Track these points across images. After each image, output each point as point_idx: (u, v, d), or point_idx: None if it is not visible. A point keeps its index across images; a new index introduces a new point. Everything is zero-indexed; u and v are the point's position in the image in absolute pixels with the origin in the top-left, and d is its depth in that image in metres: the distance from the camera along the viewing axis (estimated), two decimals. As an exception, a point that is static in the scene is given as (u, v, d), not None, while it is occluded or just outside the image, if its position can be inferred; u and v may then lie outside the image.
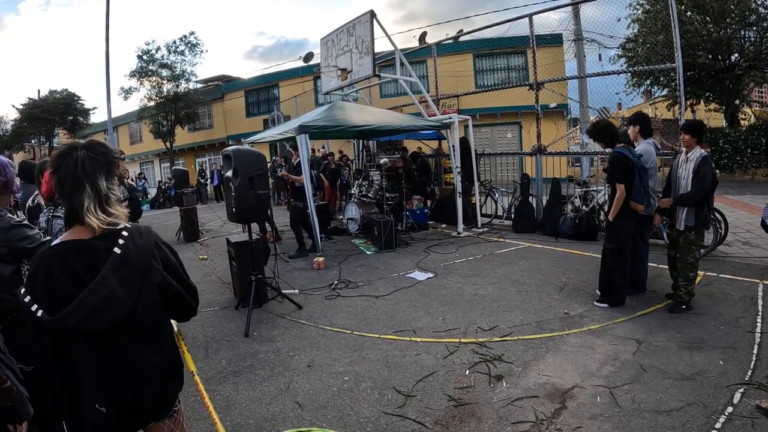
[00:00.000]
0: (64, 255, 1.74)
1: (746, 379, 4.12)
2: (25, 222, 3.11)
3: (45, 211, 3.57)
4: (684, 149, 5.95)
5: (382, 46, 27.17)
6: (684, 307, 5.85)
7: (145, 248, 1.90)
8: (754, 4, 23.06)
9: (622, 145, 6.06)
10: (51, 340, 1.68)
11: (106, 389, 1.76)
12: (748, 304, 5.91)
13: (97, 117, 41.22)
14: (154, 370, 1.93)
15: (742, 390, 3.93)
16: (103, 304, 1.68)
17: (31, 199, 4.22)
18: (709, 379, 4.13)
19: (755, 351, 4.63)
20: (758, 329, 5.14)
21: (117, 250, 1.78)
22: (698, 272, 5.98)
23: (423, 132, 13.96)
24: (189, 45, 30.54)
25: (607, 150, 6.40)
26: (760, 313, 5.59)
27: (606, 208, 6.67)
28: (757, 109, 29.27)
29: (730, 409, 3.69)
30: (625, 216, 5.97)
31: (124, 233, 1.85)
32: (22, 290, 1.70)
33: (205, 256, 10.19)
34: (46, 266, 1.71)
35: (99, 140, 2.04)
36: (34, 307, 1.65)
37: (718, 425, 3.49)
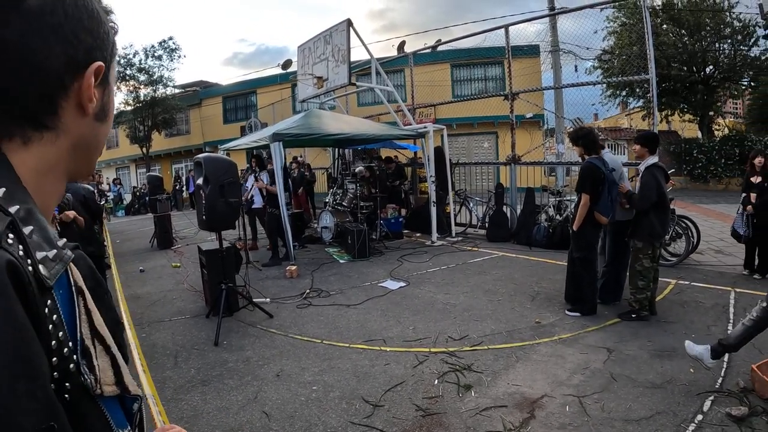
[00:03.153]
0: None
1: (717, 386, 4.18)
2: None
3: None
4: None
5: (360, 54, 27.20)
6: (634, 316, 5.93)
7: None
8: (728, 18, 23.52)
9: (596, 156, 6.13)
10: None
11: None
12: (720, 311, 6.00)
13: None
14: None
15: (712, 398, 3.99)
16: None
17: None
18: (679, 387, 4.18)
19: (726, 359, 4.66)
20: (730, 337, 5.21)
21: None
22: (651, 282, 5.97)
23: (398, 141, 14.03)
24: (167, 50, 30.31)
25: (581, 158, 6.46)
26: (731, 321, 5.68)
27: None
28: (730, 120, 29.87)
29: (700, 417, 3.74)
30: (591, 226, 6.04)
31: None
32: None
33: (178, 264, 10.11)
34: None
35: None
36: None
37: (688, 433, 3.52)
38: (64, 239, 0.72)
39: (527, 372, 4.67)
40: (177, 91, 33.47)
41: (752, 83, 26.15)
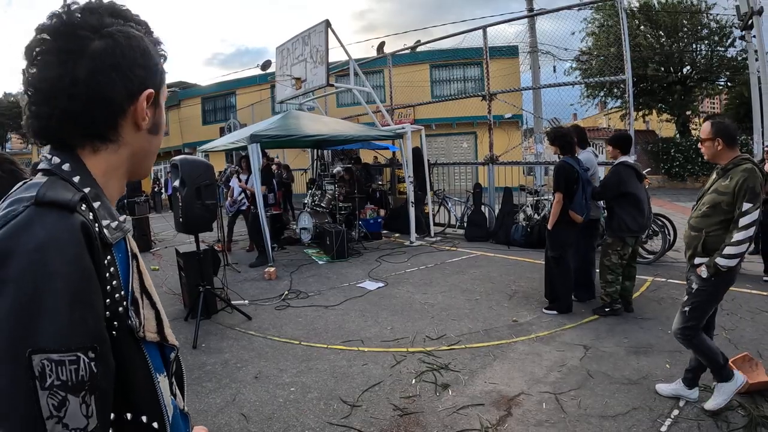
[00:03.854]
0: None
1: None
2: None
3: None
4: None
5: (339, 55, 27.16)
6: (607, 310, 6.08)
7: None
8: (705, 19, 23.87)
9: (570, 155, 6.22)
10: None
11: None
12: (695, 307, 6.08)
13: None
14: None
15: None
16: None
17: None
18: (655, 383, 4.22)
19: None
20: (705, 332, 5.29)
21: None
22: (620, 276, 6.17)
23: (377, 142, 14.05)
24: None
25: (557, 158, 6.55)
26: (707, 317, 5.75)
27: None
28: (707, 119, 30.25)
29: (676, 412, 3.80)
30: (566, 225, 6.13)
31: None
32: None
33: (157, 267, 10.01)
34: None
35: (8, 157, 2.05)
36: None
37: (663, 428, 3.58)
38: (125, 216, 0.99)
39: (504, 370, 4.71)
40: (156, 91, 33.16)
41: (729, 83, 26.62)
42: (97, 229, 0.86)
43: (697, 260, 3.78)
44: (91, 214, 0.86)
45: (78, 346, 0.76)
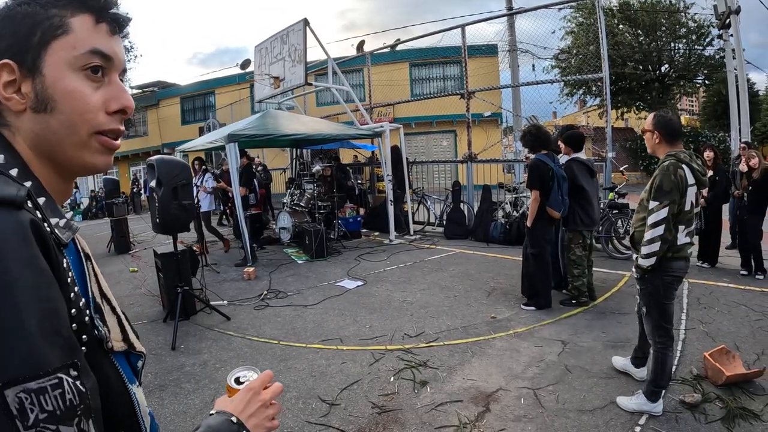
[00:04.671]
0: None
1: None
2: None
3: None
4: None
5: (319, 54, 27.09)
6: (574, 302, 6.30)
7: None
8: (684, 18, 24.16)
9: (545, 152, 6.27)
10: None
11: None
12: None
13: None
14: None
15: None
16: None
17: None
18: (633, 377, 4.28)
19: (679, 347, 4.84)
20: (683, 326, 5.40)
21: None
22: (586, 269, 6.42)
23: (356, 141, 14.05)
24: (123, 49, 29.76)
25: (531, 155, 6.62)
26: (684, 311, 5.87)
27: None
28: (686, 117, 30.73)
29: (654, 405, 3.83)
30: (544, 222, 6.20)
31: None
32: None
33: (136, 268, 9.94)
34: None
35: None
36: None
37: (641, 421, 3.62)
38: (71, 212, 0.81)
39: (482, 366, 4.74)
40: (134, 91, 32.82)
41: (706, 81, 26.98)
42: (48, 228, 0.73)
43: (634, 256, 3.89)
44: (38, 212, 0.73)
45: (57, 366, 0.64)
